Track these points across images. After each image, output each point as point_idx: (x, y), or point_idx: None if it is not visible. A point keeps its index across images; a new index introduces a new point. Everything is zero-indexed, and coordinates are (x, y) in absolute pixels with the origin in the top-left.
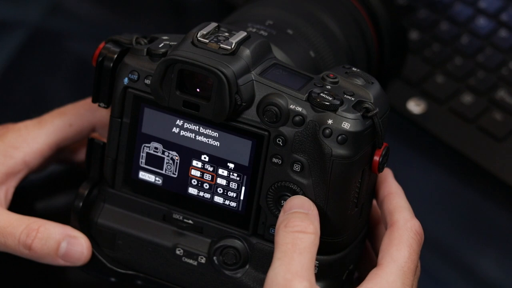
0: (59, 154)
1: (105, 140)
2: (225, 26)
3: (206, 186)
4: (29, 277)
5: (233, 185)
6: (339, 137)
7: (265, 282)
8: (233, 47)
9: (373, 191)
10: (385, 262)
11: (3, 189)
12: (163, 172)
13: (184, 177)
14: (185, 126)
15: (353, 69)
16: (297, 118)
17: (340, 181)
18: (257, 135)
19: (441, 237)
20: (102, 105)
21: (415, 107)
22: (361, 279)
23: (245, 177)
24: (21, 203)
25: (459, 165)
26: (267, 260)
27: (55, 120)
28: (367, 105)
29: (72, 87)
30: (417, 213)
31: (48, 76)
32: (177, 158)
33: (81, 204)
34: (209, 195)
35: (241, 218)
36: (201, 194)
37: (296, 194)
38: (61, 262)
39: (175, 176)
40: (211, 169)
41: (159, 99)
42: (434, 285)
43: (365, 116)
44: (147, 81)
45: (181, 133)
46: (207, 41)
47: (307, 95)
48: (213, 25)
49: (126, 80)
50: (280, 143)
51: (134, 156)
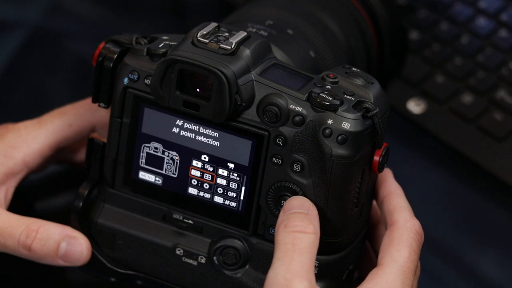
0: (59, 154)
1: (105, 140)
2: (225, 26)
3: (206, 186)
4: (29, 277)
5: (233, 185)
6: (339, 137)
7: (265, 281)
8: (233, 47)
9: (373, 191)
10: (385, 262)
11: (3, 189)
12: (163, 172)
13: (184, 177)
14: (185, 126)
15: (353, 69)
16: (297, 118)
17: (340, 181)
18: (257, 135)
19: (441, 237)
20: (102, 105)
21: (415, 107)
22: (361, 279)
23: (245, 177)
24: (21, 203)
25: (459, 165)
26: (267, 260)
27: (55, 120)
28: (367, 105)
29: (72, 87)
30: (417, 213)
31: (48, 76)
32: (177, 158)
33: (81, 204)
34: (209, 195)
35: (241, 218)
36: (201, 194)
37: (296, 194)
38: (61, 262)
39: (175, 176)
40: (211, 169)
41: (159, 99)
42: (434, 285)
43: (365, 116)
44: (147, 81)
45: (181, 133)
46: (207, 41)
47: (307, 95)
48: (213, 25)
49: (126, 80)
50: (280, 143)
51: (134, 156)
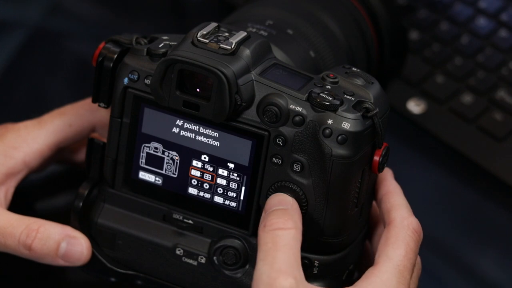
0: (59, 154)
1: (105, 140)
2: (225, 26)
3: (206, 186)
4: (29, 277)
5: (233, 185)
6: (339, 137)
7: (252, 283)
8: (233, 47)
9: (373, 191)
10: (381, 261)
11: (3, 189)
12: (163, 172)
13: (184, 177)
14: (185, 126)
15: (353, 69)
16: (297, 118)
17: (340, 181)
18: (257, 135)
19: (441, 237)
20: (102, 105)
21: (415, 107)
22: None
23: (245, 177)
24: (21, 203)
25: (459, 165)
26: None
27: (55, 120)
28: (367, 105)
29: (72, 87)
30: (417, 213)
31: (48, 76)
32: (177, 158)
33: (81, 204)
34: (209, 195)
35: (241, 218)
36: (201, 194)
37: (296, 194)
38: (61, 262)
39: (175, 176)
40: (211, 169)
41: (159, 99)
42: (434, 285)
43: (365, 116)
44: (147, 81)
45: (181, 133)
46: (207, 41)
47: (307, 95)
48: (213, 25)
49: (126, 80)
50: (280, 143)
51: (134, 156)
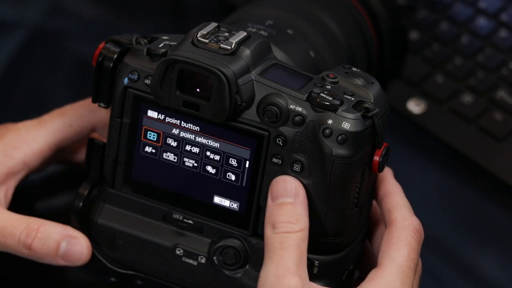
0: (59, 154)
1: (105, 140)
2: (225, 26)
3: (206, 186)
4: (29, 277)
5: (233, 185)
6: (339, 137)
7: (258, 281)
8: (233, 47)
9: (373, 191)
10: (385, 262)
11: (3, 189)
12: (163, 172)
13: (184, 177)
14: (185, 126)
15: (353, 69)
16: (297, 118)
17: (340, 181)
18: (257, 135)
19: (441, 237)
20: (102, 105)
21: (415, 107)
22: (361, 279)
23: (245, 177)
24: (21, 203)
25: (459, 165)
26: None
27: (55, 120)
28: (367, 105)
29: (72, 87)
30: (417, 213)
31: (48, 76)
32: (177, 158)
33: (81, 204)
34: (209, 195)
35: (241, 218)
36: (201, 194)
37: None
38: (61, 262)
39: (175, 176)
40: (211, 169)
41: (159, 99)
42: (434, 285)
43: (365, 116)
44: (147, 81)
45: (181, 133)
46: (207, 41)
47: (307, 95)
48: (213, 25)
49: (126, 80)
50: (280, 143)
51: (134, 156)
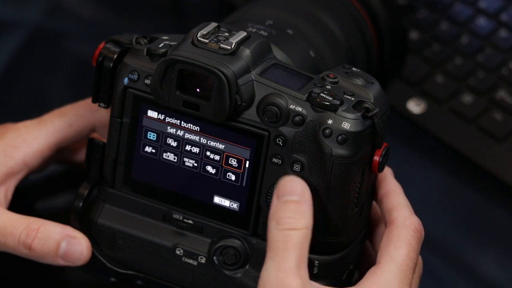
0: (59, 154)
1: (105, 140)
2: (225, 26)
3: (206, 186)
4: (29, 277)
5: (233, 185)
6: (339, 137)
7: (259, 281)
8: (233, 47)
9: (373, 191)
10: (383, 261)
11: (3, 189)
12: (163, 172)
13: (184, 177)
14: (185, 126)
15: (353, 69)
16: (297, 118)
17: (340, 181)
18: (257, 135)
19: (441, 237)
20: (102, 105)
21: (415, 107)
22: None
23: (245, 177)
24: (21, 203)
25: (459, 165)
26: None
27: (55, 120)
28: (367, 105)
29: (72, 87)
30: (417, 213)
31: (48, 76)
32: (176, 158)
33: (81, 204)
34: (209, 195)
35: (241, 218)
36: (201, 194)
37: None
38: (61, 262)
39: (175, 176)
40: (211, 169)
41: (159, 99)
42: (434, 285)
43: (365, 116)
44: (147, 81)
45: (181, 133)
46: (207, 41)
47: (307, 95)
48: (213, 25)
49: (126, 80)
50: (280, 143)
51: (134, 156)
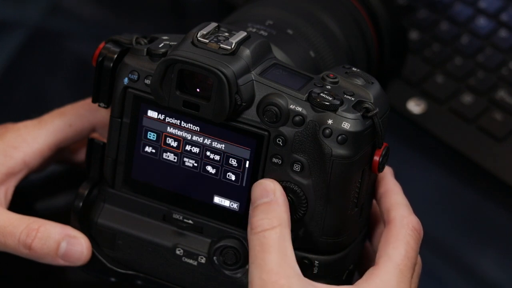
0: (59, 154)
1: (105, 140)
2: (225, 26)
3: (206, 186)
4: (29, 277)
5: (233, 185)
6: (339, 137)
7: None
8: (233, 47)
9: (373, 191)
10: (382, 261)
11: (3, 189)
12: (163, 172)
13: (184, 177)
14: (185, 126)
15: (353, 69)
16: (297, 118)
17: (340, 181)
18: (257, 135)
19: (441, 237)
20: (102, 105)
21: (415, 107)
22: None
23: (245, 177)
24: (21, 203)
25: (459, 165)
26: None
27: (55, 120)
28: (367, 105)
29: (72, 87)
30: (417, 213)
31: (48, 76)
32: (176, 158)
33: (81, 204)
34: (209, 195)
35: (241, 218)
36: (201, 194)
37: (296, 194)
38: (61, 262)
39: (175, 176)
40: (211, 169)
41: (159, 99)
42: (434, 285)
43: (365, 116)
44: (147, 81)
45: (181, 133)
46: (207, 41)
47: (307, 95)
48: (213, 25)
49: (126, 80)
50: (280, 143)
51: (134, 156)
